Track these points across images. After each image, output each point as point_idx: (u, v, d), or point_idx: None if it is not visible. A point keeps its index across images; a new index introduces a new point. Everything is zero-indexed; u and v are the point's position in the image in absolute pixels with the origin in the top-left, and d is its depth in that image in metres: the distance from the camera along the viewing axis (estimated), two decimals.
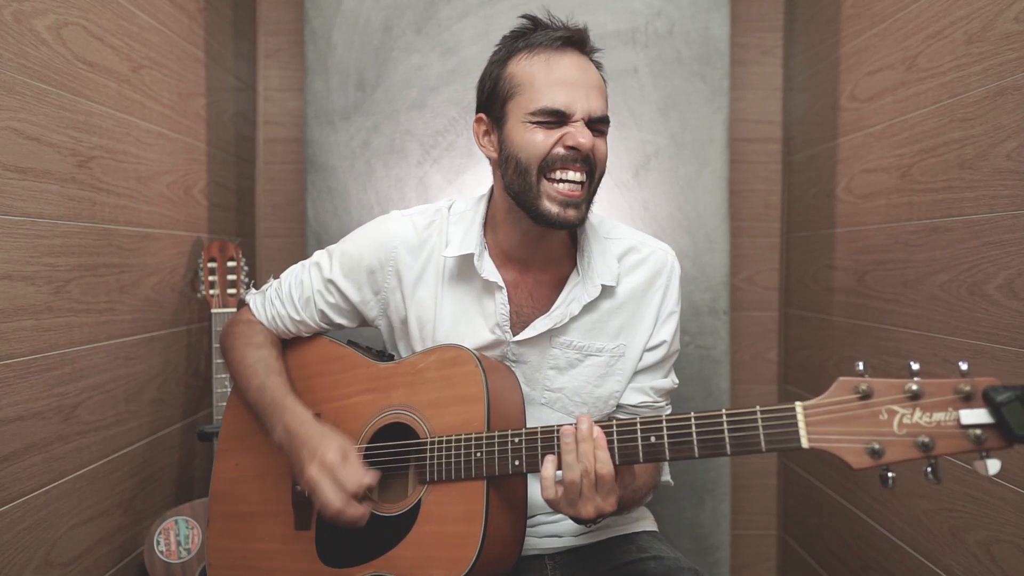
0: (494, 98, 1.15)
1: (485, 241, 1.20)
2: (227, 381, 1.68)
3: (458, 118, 1.79)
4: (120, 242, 1.50)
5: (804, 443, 0.86)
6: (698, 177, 1.77)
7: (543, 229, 1.14)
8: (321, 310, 1.26)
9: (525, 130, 1.10)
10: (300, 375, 1.28)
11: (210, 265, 1.75)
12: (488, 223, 1.22)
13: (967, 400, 0.80)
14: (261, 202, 2.22)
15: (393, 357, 1.28)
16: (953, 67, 1.36)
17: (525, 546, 1.13)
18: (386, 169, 1.80)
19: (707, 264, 1.78)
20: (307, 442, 1.11)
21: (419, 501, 1.09)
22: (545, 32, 1.12)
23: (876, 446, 0.82)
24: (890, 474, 0.83)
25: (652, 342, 1.22)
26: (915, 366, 0.83)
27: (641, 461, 0.97)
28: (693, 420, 0.94)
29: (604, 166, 1.14)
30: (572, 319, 1.18)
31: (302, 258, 1.66)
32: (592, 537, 1.25)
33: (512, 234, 1.19)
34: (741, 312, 2.18)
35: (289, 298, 1.28)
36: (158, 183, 1.65)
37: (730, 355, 1.82)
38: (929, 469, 0.82)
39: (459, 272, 1.20)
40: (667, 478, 1.28)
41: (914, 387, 0.82)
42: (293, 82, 2.20)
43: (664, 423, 0.95)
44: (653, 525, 1.32)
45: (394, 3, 1.79)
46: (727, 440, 0.91)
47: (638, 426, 0.97)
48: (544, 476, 0.99)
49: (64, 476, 1.34)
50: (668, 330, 1.23)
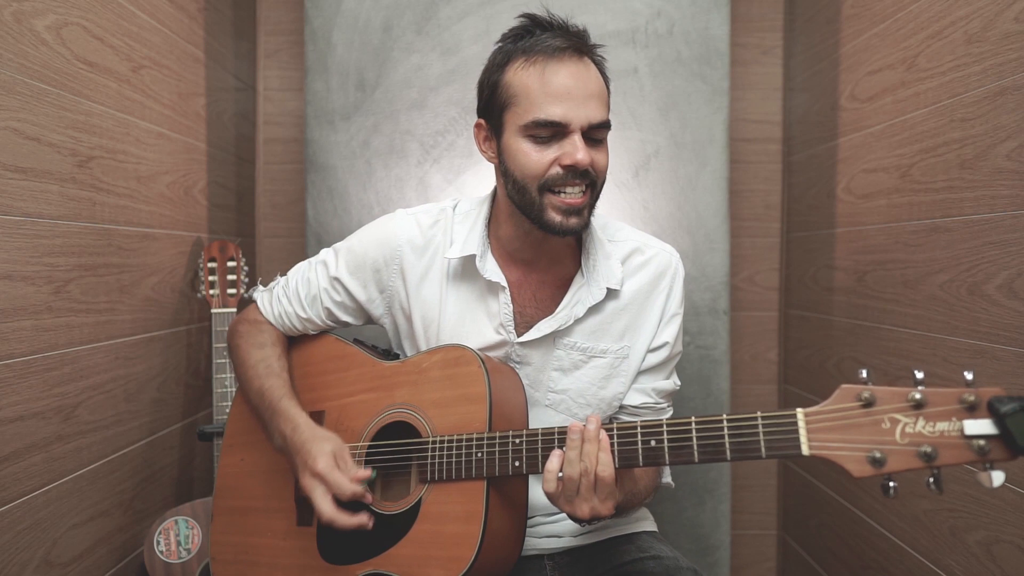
0: (492, 106, 1.14)
1: (488, 241, 1.20)
2: (228, 381, 1.68)
3: (458, 118, 1.79)
4: (120, 242, 1.50)
5: (804, 450, 0.85)
6: (698, 177, 1.77)
7: (546, 233, 1.14)
8: (327, 308, 1.27)
9: (522, 144, 1.09)
10: (305, 372, 1.28)
11: (210, 265, 1.75)
12: (492, 223, 1.22)
13: (971, 410, 0.78)
14: (261, 202, 2.22)
15: (398, 356, 1.29)
16: (953, 67, 1.36)
17: (524, 546, 1.13)
18: (386, 169, 1.80)
19: (707, 264, 1.78)
20: (300, 449, 1.12)
21: (419, 500, 1.10)
22: (543, 38, 1.09)
23: (878, 455, 0.81)
24: (891, 483, 0.82)
25: (655, 343, 1.22)
26: (919, 374, 0.82)
27: (640, 465, 0.97)
28: (694, 425, 0.93)
29: (605, 175, 1.13)
30: (577, 321, 1.18)
31: (302, 258, 1.66)
32: (591, 537, 1.25)
33: (515, 235, 1.19)
34: (741, 312, 2.18)
35: (296, 296, 1.28)
36: (158, 183, 1.65)
37: (730, 355, 1.82)
38: (931, 479, 0.80)
39: (463, 272, 1.20)
40: (668, 480, 1.28)
41: (917, 396, 0.80)
42: (293, 82, 2.20)
43: (664, 427, 0.95)
44: (653, 525, 1.32)
45: (394, 3, 1.79)
46: (727, 446, 0.90)
47: (638, 430, 0.97)
48: (548, 469, 0.99)
49: (64, 476, 1.34)
50: (671, 331, 1.23)
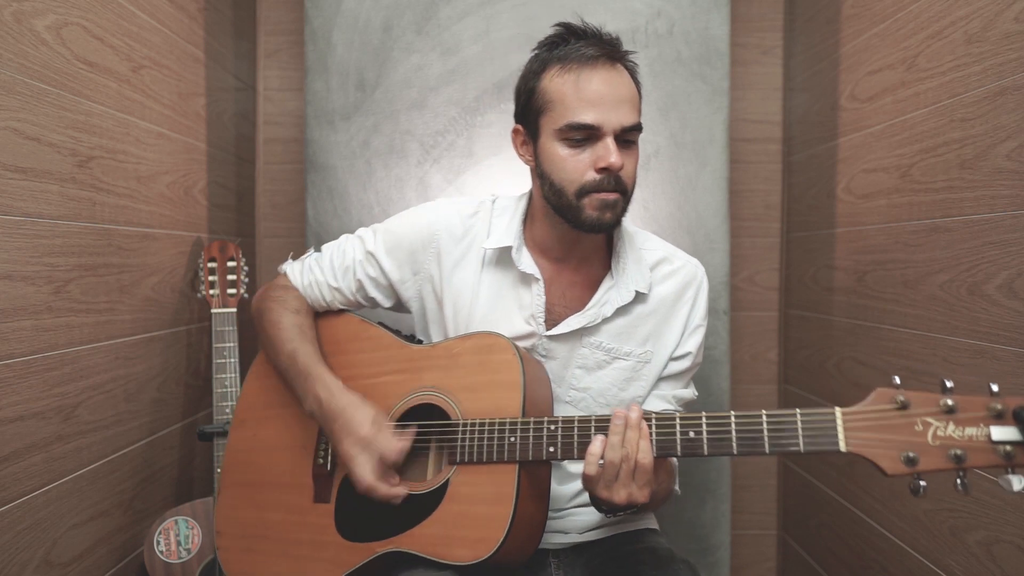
0: (528, 111, 1.19)
1: (523, 236, 1.24)
2: (228, 381, 1.68)
3: (458, 118, 1.79)
4: (120, 242, 1.50)
5: (842, 446, 0.89)
6: (698, 177, 1.77)
7: (578, 232, 1.18)
8: (359, 280, 1.29)
9: (557, 148, 1.14)
10: (331, 351, 1.29)
11: (210, 265, 1.75)
12: (527, 220, 1.26)
13: (998, 418, 0.84)
14: (261, 202, 2.22)
15: (422, 342, 1.30)
16: (953, 67, 1.36)
17: None
18: (386, 169, 1.80)
19: (707, 264, 1.76)
20: (339, 414, 1.14)
21: (447, 481, 1.10)
22: (577, 46, 1.13)
23: (911, 454, 0.86)
24: (921, 483, 0.87)
25: (678, 352, 1.26)
26: (948, 383, 0.87)
27: (679, 455, 0.99)
28: (733, 418, 0.96)
29: (634, 181, 1.17)
30: (604, 321, 1.21)
31: None
32: (595, 535, 1.26)
33: (549, 234, 1.23)
34: (741, 312, 2.18)
35: (330, 266, 1.31)
36: (158, 183, 1.65)
37: (730, 355, 1.82)
38: (959, 480, 0.85)
39: (498, 262, 1.24)
40: (676, 487, 1.30)
41: (949, 402, 0.86)
42: (293, 82, 2.20)
43: (704, 419, 0.98)
44: (654, 523, 1.33)
45: (394, 3, 1.79)
46: (766, 439, 0.93)
47: (677, 420, 0.99)
48: (591, 452, 1.01)
49: (64, 476, 1.34)
50: (694, 342, 1.27)
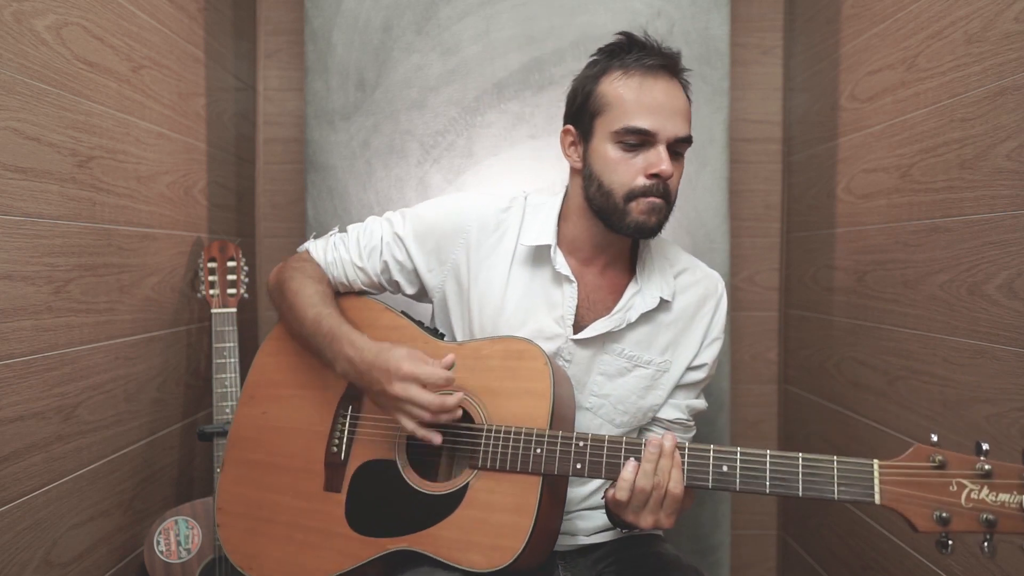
0: (583, 112, 1.18)
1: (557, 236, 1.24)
2: (228, 381, 1.68)
3: (458, 118, 1.79)
4: (120, 242, 1.50)
5: (877, 499, 0.91)
6: (698, 177, 1.77)
7: (613, 235, 1.19)
8: (385, 261, 1.28)
9: (610, 150, 1.14)
10: None
11: (210, 265, 1.75)
12: (560, 220, 1.25)
13: None
14: (261, 202, 2.22)
15: (444, 336, 1.29)
16: (953, 67, 1.36)
17: None
18: (386, 169, 1.80)
19: (707, 264, 1.77)
20: (374, 363, 1.11)
21: (467, 485, 1.10)
22: (639, 55, 1.15)
23: (944, 514, 0.89)
24: (950, 542, 0.89)
25: (696, 362, 1.26)
26: (985, 446, 0.89)
27: (710, 488, 0.99)
28: (768, 457, 0.96)
29: (676, 193, 1.18)
30: (629, 328, 1.21)
31: None
32: (600, 537, 1.27)
33: (582, 234, 1.23)
34: (741, 312, 2.18)
35: (356, 244, 1.29)
36: (158, 183, 1.65)
37: (730, 355, 1.82)
38: (985, 544, 0.88)
39: (532, 260, 1.23)
40: None
41: (987, 467, 0.88)
42: (293, 82, 2.20)
43: (739, 455, 0.97)
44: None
45: (394, 3, 1.79)
46: (800, 483, 0.94)
47: (711, 453, 0.99)
48: (624, 478, 1.00)
49: (64, 476, 1.34)
50: (711, 353, 1.28)
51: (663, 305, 1.23)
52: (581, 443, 1.05)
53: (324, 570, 1.16)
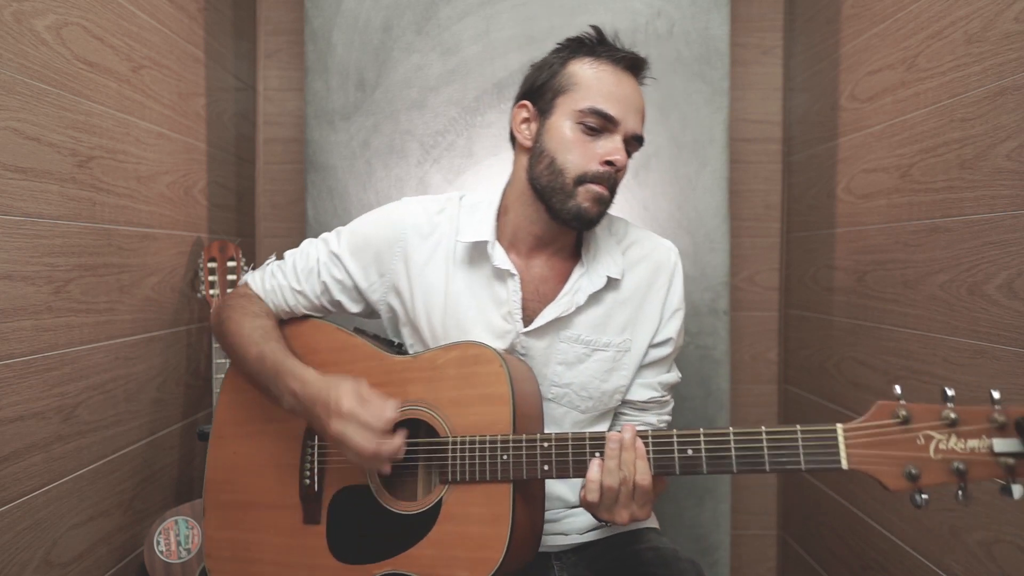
0: (545, 89, 1.18)
1: (497, 232, 1.22)
2: None
3: (458, 118, 1.79)
4: (120, 242, 1.50)
5: (844, 464, 0.89)
6: (698, 177, 1.77)
7: (556, 226, 1.18)
8: (324, 282, 1.25)
9: (568, 130, 1.14)
10: (308, 362, 1.24)
11: (210, 265, 1.75)
12: (500, 214, 1.23)
13: (1001, 429, 0.84)
14: (261, 202, 2.22)
15: (402, 347, 1.27)
16: (953, 67, 1.36)
17: None
18: (386, 169, 1.80)
19: (707, 264, 1.78)
20: (317, 399, 1.08)
21: (440, 500, 1.09)
22: (610, 49, 1.16)
23: (913, 470, 0.86)
24: (923, 496, 0.86)
25: (658, 338, 1.24)
26: (950, 391, 0.86)
27: (678, 473, 0.98)
28: (732, 435, 0.95)
29: (616, 190, 1.18)
30: (579, 312, 1.19)
31: None
32: (596, 535, 1.26)
33: (523, 224, 1.21)
34: (741, 312, 2.18)
35: (292, 269, 1.27)
36: (158, 183, 1.65)
37: (730, 355, 1.82)
38: (960, 492, 0.85)
39: (470, 259, 1.21)
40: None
41: (952, 415, 0.85)
42: (293, 82, 2.20)
43: (702, 436, 0.96)
44: (655, 522, 1.33)
45: (394, 3, 1.79)
46: (766, 457, 0.92)
47: (675, 438, 0.98)
48: (591, 479, 1.00)
49: (64, 476, 1.34)
50: (674, 327, 1.25)
51: (613, 284, 1.20)
52: (545, 444, 1.04)
53: None
